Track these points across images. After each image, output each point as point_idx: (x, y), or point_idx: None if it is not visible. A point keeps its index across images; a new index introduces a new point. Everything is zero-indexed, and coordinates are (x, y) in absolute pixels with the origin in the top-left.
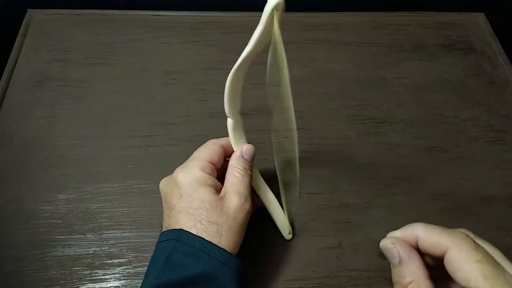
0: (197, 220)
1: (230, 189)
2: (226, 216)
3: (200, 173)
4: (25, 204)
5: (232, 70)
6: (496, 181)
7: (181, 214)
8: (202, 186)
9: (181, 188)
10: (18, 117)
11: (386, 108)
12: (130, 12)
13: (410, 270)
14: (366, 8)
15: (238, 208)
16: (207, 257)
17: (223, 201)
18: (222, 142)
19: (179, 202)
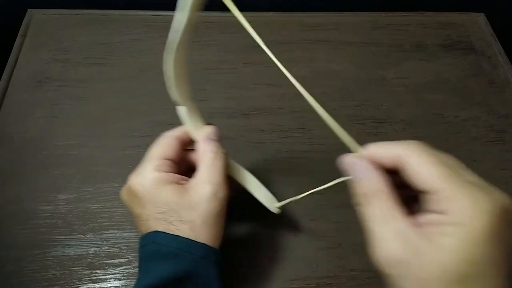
0: (168, 222)
1: (200, 179)
2: (197, 211)
3: (155, 174)
4: (25, 204)
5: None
6: (496, 181)
7: (150, 221)
8: (162, 188)
9: (140, 196)
10: (18, 117)
11: (386, 108)
12: (130, 12)
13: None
14: (366, 8)
15: (209, 199)
16: (187, 254)
17: (190, 194)
18: (175, 133)
19: (143, 211)
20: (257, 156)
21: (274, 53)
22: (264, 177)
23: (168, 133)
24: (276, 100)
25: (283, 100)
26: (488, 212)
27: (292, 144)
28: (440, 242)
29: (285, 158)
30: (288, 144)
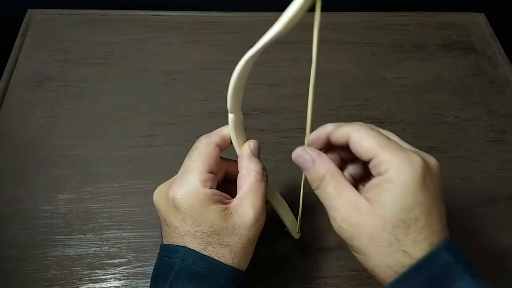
0: (207, 243)
1: (245, 202)
2: (239, 236)
3: (202, 190)
4: (25, 204)
5: (246, 55)
6: (496, 181)
7: (187, 237)
8: (207, 207)
9: (183, 212)
10: (18, 117)
11: (386, 108)
12: (130, 12)
13: (322, 165)
14: (366, 8)
15: (252, 226)
16: (215, 277)
17: (234, 219)
18: (216, 140)
19: (182, 225)
20: None
21: (274, 53)
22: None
23: (205, 139)
24: (276, 100)
25: (283, 100)
26: (415, 167)
27: (292, 144)
28: (381, 199)
29: (285, 158)
30: (288, 144)
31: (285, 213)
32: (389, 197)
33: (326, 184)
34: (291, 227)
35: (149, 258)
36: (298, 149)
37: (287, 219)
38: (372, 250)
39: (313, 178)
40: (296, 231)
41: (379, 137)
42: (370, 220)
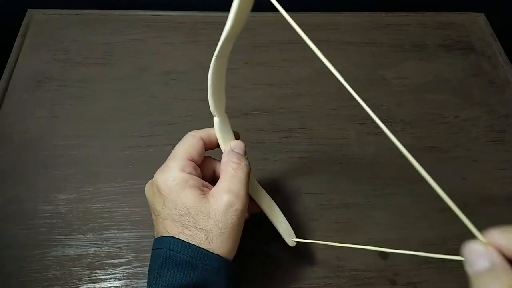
0: (184, 226)
1: (220, 188)
2: (215, 220)
3: (180, 174)
4: (25, 204)
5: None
6: (496, 181)
7: (167, 221)
8: (184, 189)
9: (163, 194)
10: (18, 117)
11: (386, 108)
12: (130, 12)
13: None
14: (366, 8)
15: (227, 210)
16: (201, 265)
17: (210, 203)
18: (201, 134)
19: (163, 208)
20: (257, 156)
21: (274, 53)
22: (264, 177)
23: (193, 132)
24: (276, 100)
25: (283, 100)
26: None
27: (292, 144)
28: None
29: (285, 158)
30: (288, 144)
31: (278, 218)
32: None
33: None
34: (284, 234)
35: (149, 258)
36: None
37: (281, 227)
38: None
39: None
40: (290, 238)
41: None
42: None
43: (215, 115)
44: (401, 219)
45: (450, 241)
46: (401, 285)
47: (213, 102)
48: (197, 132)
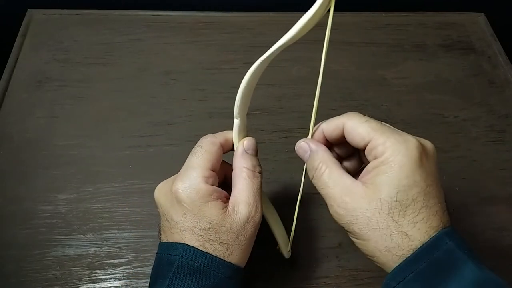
0: (205, 240)
1: (239, 200)
2: (236, 234)
3: (203, 186)
4: (25, 204)
5: (258, 60)
6: (496, 181)
7: (186, 232)
8: (207, 203)
9: (184, 206)
10: (18, 117)
11: (386, 108)
12: (130, 12)
13: (318, 155)
14: (366, 8)
15: (247, 223)
16: (215, 273)
17: (232, 217)
18: (221, 140)
19: (183, 220)
20: None
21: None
22: (264, 177)
23: (211, 138)
24: (276, 100)
25: (283, 100)
26: (410, 149)
27: (292, 144)
28: (377, 181)
29: (285, 158)
30: (288, 144)
31: (279, 231)
32: (385, 179)
33: (321, 174)
34: (282, 246)
35: (149, 258)
36: (300, 140)
37: (280, 237)
38: (371, 234)
39: (310, 168)
40: (287, 250)
41: (372, 122)
42: (366, 203)
43: (237, 118)
44: None
45: None
46: None
47: (240, 104)
48: (217, 137)
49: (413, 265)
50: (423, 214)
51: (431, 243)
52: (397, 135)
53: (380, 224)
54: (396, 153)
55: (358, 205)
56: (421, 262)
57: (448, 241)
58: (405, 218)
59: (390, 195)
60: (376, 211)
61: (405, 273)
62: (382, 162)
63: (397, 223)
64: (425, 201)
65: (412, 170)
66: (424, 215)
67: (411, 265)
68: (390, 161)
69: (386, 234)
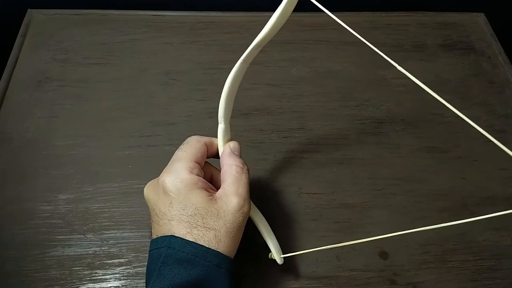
0: (193, 226)
1: (228, 191)
2: (224, 220)
3: (188, 176)
4: (25, 204)
5: (238, 62)
6: (496, 181)
7: (174, 221)
8: (193, 190)
9: (171, 195)
10: (18, 117)
11: (386, 108)
12: (130, 12)
13: None
14: (366, 8)
15: (236, 212)
16: (202, 262)
17: (219, 204)
18: (205, 140)
19: (170, 209)
20: (256, 156)
21: (274, 53)
22: (264, 177)
23: (196, 136)
24: (276, 100)
25: (283, 100)
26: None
27: (292, 144)
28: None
29: (285, 158)
30: (288, 144)
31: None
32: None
33: None
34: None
35: None
36: None
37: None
38: None
39: None
40: (280, 257)
41: None
42: None
43: (221, 123)
44: (401, 219)
45: (450, 241)
46: (401, 285)
47: (223, 109)
48: (202, 137)
49: None
50: None
51: None
52: None
53: None
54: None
55: None
56: None
57: None
58: None
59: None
60: None
61: None
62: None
63: None
64: None
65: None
66: None
67: None
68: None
69: None
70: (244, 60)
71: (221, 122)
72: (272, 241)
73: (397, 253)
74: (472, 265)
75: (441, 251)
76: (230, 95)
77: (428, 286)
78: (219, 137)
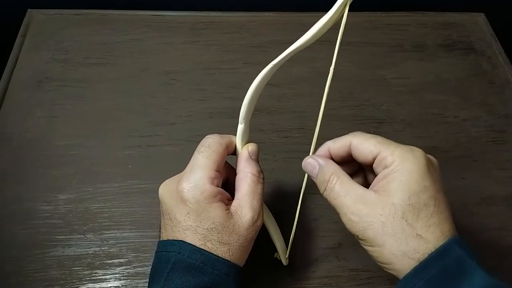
0: (207, 240)
1: (243, 203)
2: (238, 235)
3: (208, 187)
4: (25, 204)
5: (269, 65)
6: (496, 181)
7: (189, 232)
8: (212, 204)
9: (189, 206)
10: (18, 117)
11: (386, 108)
12: (130, 12)
13: (328, 168)
14: (366, 8)
15: (250, 227)
16: (210, 270)
17: (234, 219)
18: (227, 142)
19: (186, 219)
20: None
21: (274, 53)
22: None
23: (218, 138)
24: (276, 100)
25: (283, 100)
26: (418, 157)
27: (292, 144)
28: (389, 188)
29: (285, 158)
30: (288, 144)
31: (277, 239)
32: (397, 184)
33: (333, 184)
34: (281, 253)
35: (149, 258)
36: (307, 157)
37: (279, 244)
38: (386, 239)
39: (320, 182)
40: (285, 257)
41: (377, 137)
42: (380, 209)
43: (242, 123)
44: None
45: None
46: None
47: (246, 109)
48: (224, 138)
49: (424, 272)
50: (435, 218)
51: (442, 250)
52: (403, 146)
53: (395, 229)
54: (405, 161)
55: (372, 211)
56: (431, 269)
57: (457, 249)
58: (418, 222)
59: (403, 199)
60: (390, 216)
61: (416, 279)
62: (392, 170)
63: (411, 226)
64: (435, 206)
65: (421, 176)
66: (435, 219)
67: (422, 272)
68: (400, 168)
69: (401, 238)
70: (276, 64)
71: (241, 122)
72: (280, 241)
73: None
74: None
75: None
76: (254, 97)
77: None
78: (238, 137)
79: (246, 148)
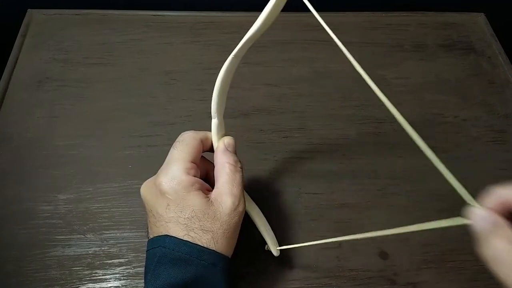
0: (190, 229)
1: (223, 191)
2: (220, 222)
3: (185, 177)
4: (25, 204)
5: (229, 57)
6: (496, 181)
7: (171, 223)
8: (190, 193)
9: (167, 197)
10: (18, 117)
11: (386, 108)
12: (130, 12)
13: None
14: (366, 8)
15: (232, 212)
16: (197, 261)
17: (215, 206)
18: (201, 136)
19: (167, 212)
20: (256, 156)
21: (274, 53)
22: (264, 177)
23: (192, 133)
24: (276, 100)
25: (283, 100)
26: None
27: (292, 144)
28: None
29: (285, 158)
30: (288, 144)
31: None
32: None
33: None
34: (270, 245)
35: None
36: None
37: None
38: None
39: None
40: (276, 248)
41: None
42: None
43: (214, 118)
44: (401, 219)
45: (450, 241)
46: (401, 285)
47: (216, 103)
48: (197, 134)
49: None
50: None
51: None
52: None
53: None
54: None
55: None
56: None
57: None
58: None
59: None
60: None
61: None
62: None
63: None
64: None
65: None
66: None
67: None
68: None
69: None
70: (236, 55)
71: (214, 116)
72: (268, 233)
73: (397, 253)
74: (473, 265)
75: (441, 251)
76: (222, 90)
77: (428, 286)
78: (213, 132)
79: (222, 141)
